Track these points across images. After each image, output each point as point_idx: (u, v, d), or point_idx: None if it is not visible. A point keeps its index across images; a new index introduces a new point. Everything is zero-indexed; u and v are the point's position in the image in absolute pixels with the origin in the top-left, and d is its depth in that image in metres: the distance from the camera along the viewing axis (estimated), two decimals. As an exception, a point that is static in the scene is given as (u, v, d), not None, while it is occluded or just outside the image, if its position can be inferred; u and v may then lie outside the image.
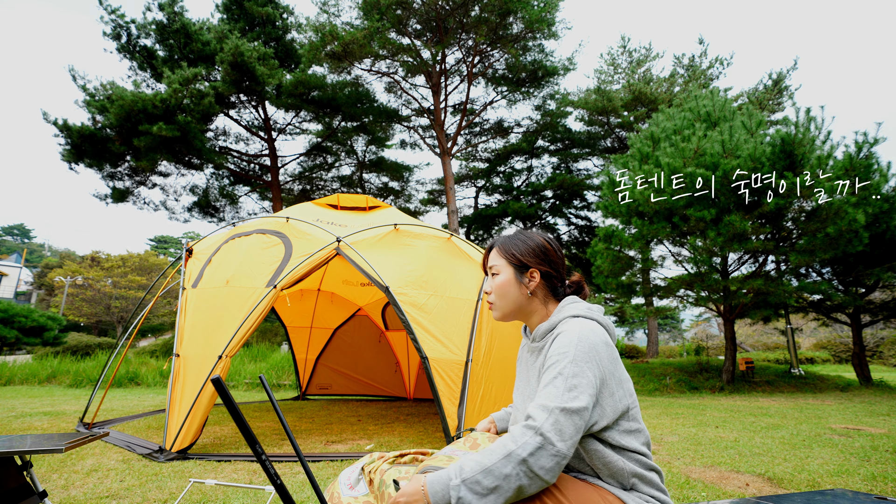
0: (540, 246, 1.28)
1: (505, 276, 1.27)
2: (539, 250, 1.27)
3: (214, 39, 15.81)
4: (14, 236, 62.02)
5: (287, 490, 1.15)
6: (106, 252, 31.84)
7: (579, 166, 21.45)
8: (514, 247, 1.28)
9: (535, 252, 1.27)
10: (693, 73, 18.47)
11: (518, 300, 1.27)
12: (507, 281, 1.27)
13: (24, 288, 38.90)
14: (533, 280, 1.26)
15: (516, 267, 1.27)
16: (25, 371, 9.61)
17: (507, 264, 1.28)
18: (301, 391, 7.52)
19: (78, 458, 3.38)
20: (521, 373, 1.35)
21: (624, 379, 1.13)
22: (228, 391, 1.00)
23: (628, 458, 1.09)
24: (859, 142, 8.20)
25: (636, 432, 1.12)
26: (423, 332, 3.80)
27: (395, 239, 4.67)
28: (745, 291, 9.13)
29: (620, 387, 1.10)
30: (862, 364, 10.37)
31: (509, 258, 1.28)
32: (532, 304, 1.27)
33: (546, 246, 1.29)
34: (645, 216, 9.41)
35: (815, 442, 4.12)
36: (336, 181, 20.42)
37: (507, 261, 1.28)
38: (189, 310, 4.14)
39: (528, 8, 14.66)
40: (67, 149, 15.46)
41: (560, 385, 1.01)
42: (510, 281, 1.27)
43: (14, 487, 1.82)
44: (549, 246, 1.29)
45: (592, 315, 1.19)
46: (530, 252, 1.27)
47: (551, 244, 1.30)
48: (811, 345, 26.07)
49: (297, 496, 2.57)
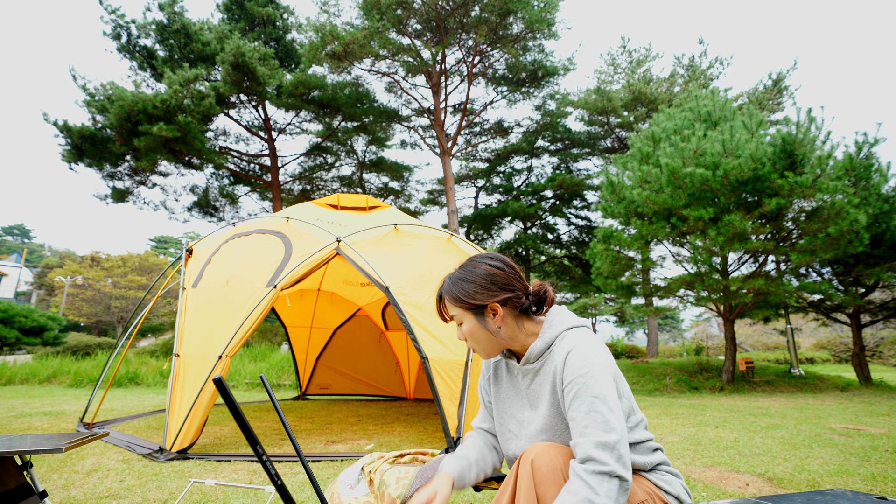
0: (486, 276, 1.19)
1: (469, 324, 1.20)
2: (487, 283, 1.18)
3: (215, 39, 15.82)
4: (14, 236, 62.02)
5: (288, 490, 1.15)
6: (106, 252, 31.87)
7: (579, 166, 21.46)
8: (462, 292, 1.19)
9: (484, 287, 1.18)
10: (693, 73, 18.47)
11: (492, 339, 1.20)
12: (473, 328, 1.20)
13: (24, 288, 38.90)
14: (496, 314, 1.18)
15: (474, 310, 1.19)
16: (25, 371, 9.60)
17: (463, 312, 1.20)
18: (301, 391, 7.52)
19: (78, 458, 3.38)
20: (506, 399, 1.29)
21: (619, 376, 1.14)
22: (230, 391, 1.00)
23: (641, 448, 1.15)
24: (859, 142, 8.21)
25: (641, 422, 1.17)
26: (423, 331, 3.80)
27: (395, 239, 4.67)
28: (745, 291, 9.13)
29: (622, 383, 1.14)
30: (862, 364, 10.38)
31: (463, 306, 1.20)
32: (509, 333, 1.20)
33: (492, 272, 1.19)
34: (644, 216, 9.41)
35: (815, 442, 4.12)
36: (336, 181, 20.42)
37: (462, 308, 1.20)
38: (189, 310, 4.14)
39: (528, 8, 14.66)
40: (67, 149, 15.46)
41: (603, 411, 1.00)
42: (476, 326, 1.19)
43: (14, 487, 1.82)
44: (494, 269, 1.20)
45: (582, 322, 1.20)
46: (479, 290, 1.18)
47: (497, 266, 1.21)
48: (811, 345, 26.08)
49: (297, 496, 2.57)
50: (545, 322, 1.20)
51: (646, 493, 1.10)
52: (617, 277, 10.35)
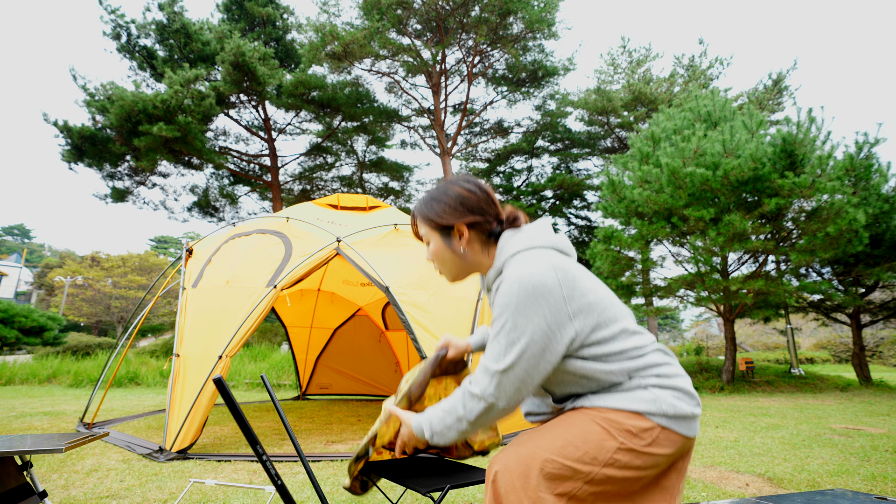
0: (457, 197, 1.18)
1: (435, 243, 1.21)
2: (457, 202, 1.18)
3: (215, 39, 15.82)
4: (14, 236, 62.02)
5: (288, 490, 1.15)
6: (106, 252, 31.88)
7: (579, 166, 21.46)
8: (431, 210, 1.20)
9: (453, 207, 1.17)
10: (693, 73, 18.47)
11: (457, 261, 1.21)
12: (438, 247, 1.21)
13: (24, 288, 38.90)
14: (462, 236, 1.18)
15: (441, 230, 1.19)
16: (25, 371, 9.60)
17: (431, 230, 1.21)
18: (301, 391, 7.52)
19: (78, 458, 3.38)
20: None
21: (588, 290, 1.07)
22: (230, 391, 1.00)
23: (614, 361, 1.07)
24: (860, 142, 8.21)
25: (621, 332, 1.09)
26: (424, 331, 3.80)
27: (396, 239, 4.67)
28: (745, 291, 9.13)
29: (584, 298, 1.06)
30: (862, 364, 10.37)
31: (430, 224, 1.21)
32: (475, 257, 1.21)
33: (463, 193, 1.18)
34: (644, 216, 9.41)
35: (815, 442, 4.12)
36: (336, 181, 20.42)
37: (429, 227, 1.21)
38: (189, 310, 4.13)
39: (528, 8, 14.67)
40: (67, 149, 15.47)
41: (502, 342, 1.01)
42: (441, 247, 1.20)
43: (14, 487, 1.82)
44: (466, 192, 1.19)
45: (534, 243, 1.12)
46: (448, 209, 1.18)
47: (469, 189, 1.19)
48: (811, 345, 26.08)
49: (297, 496, 2.57)
50: (497, 248, 1.18)
51: (601, 425, 1.04)
52: (617, 277, 10.35)
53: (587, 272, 1.14)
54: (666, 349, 1.15)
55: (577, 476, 1.02)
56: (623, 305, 1.15)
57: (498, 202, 1.23)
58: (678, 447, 1.06)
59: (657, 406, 1.04)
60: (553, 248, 1.12)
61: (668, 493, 1.09)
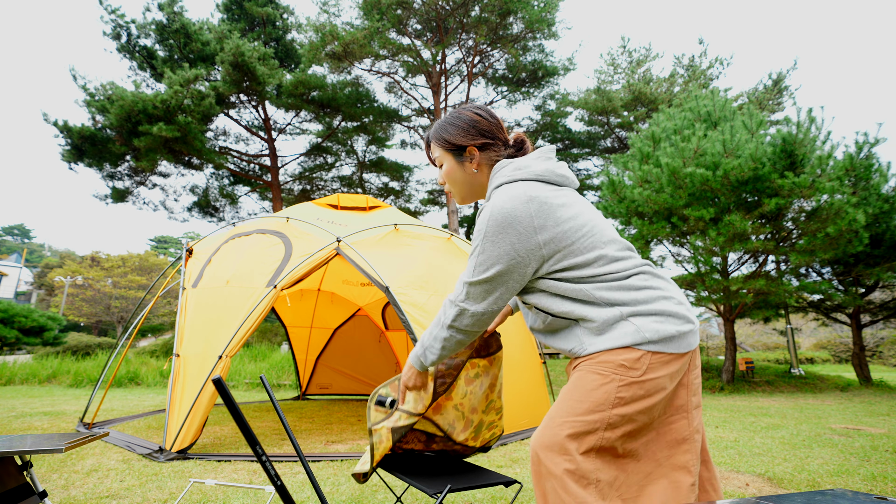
0: (469, 121, 1.29)
1: (448, 164, 1.31)
2: (469, 125, 1.28)
3: (214, 39, 15.81)
4: (14, 236, 62.02)
5: (287, 490, 1.15)
6: (106, 252, 31.88)
7: (579, 166, 21.45)
8: (446, 132, 1.30)
9: (466, 130, 1.28)
10: (693, 73, 18.47)
11: (468, 181, 1.31)
12: (450, 168, 1.31)
13: (24, 288, 38.90)
14: (473, 158, 1.28)
15: (454, 151, 1.29)
16: (25, 371, 9.60)
17: (444, 152, 1.31)
18: (301, 391, 7.52)
19: (78, 458, 3.38)
20: None
21: (566, 219, 1.14)
22: (229, 391, 1.00)
23: (588, 283, 1.13)
24: (860, 142, 8.20)
25: (599, 259, 1.14)
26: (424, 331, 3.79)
27: (395, 239, 4.67)
28: (745, 291, 9.12)
29: (558, 227, 1.13)
30: (862, 364, 10.37)
31: (445, 146, 1.30)
32: (482, 179, 1.31)
33: (475, 118, 1.29)
34: (645, 216, 9.41)
35: (815, 442, 4.12)
36: (336, 181, 20.41)
37: (444, 149, 1.31)
38: (189, 310, 4.13)
39: (528, 8, 14.66)
40: (67, 149, 15.46)
41: (473, 262, 1.16)
42: (453, 167, 1.31)
43: (14, 487, 1.82)
44: (478, 117, 1.29)
45: (519, 175, 1.20)
46: (461, 132, 1.28)
47: (480, 114, 1.30)
48: (811, 345, 26.08)
49: (297, 496, 2.57)
50: (490, 176, 1.27)
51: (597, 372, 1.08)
52: (617, 277, 10.33)
53: (576, 200, 1.21)
54: (652, 269, 1.19)
55: (596, 427, 1.07)
56: (609, 233, 1.19)
57: (506, 128, 1.33)
58: (676, 365, 1.11)
59: (640, 335, 1.09)
60: (537, 180, 1.20)
61: (683, 411, 1.14)
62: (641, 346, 1.08)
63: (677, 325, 1.11)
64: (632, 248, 1.22)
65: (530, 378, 4.66)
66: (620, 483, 1.06)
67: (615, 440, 1.07)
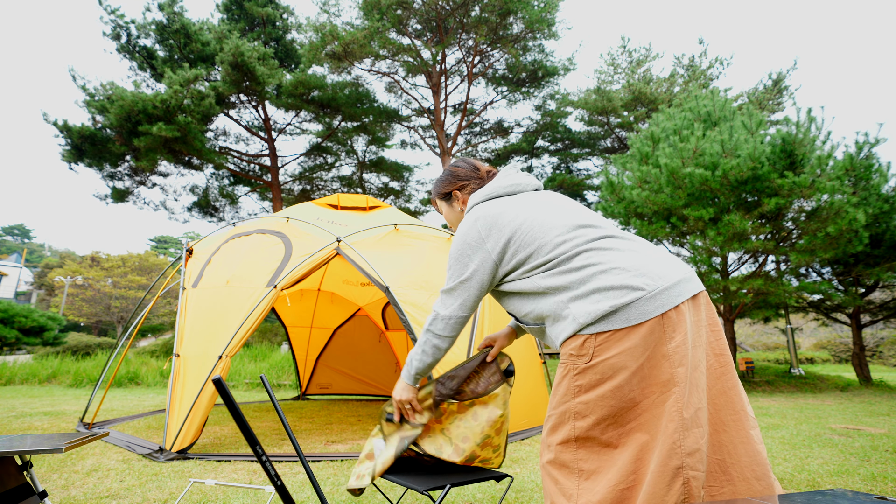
0: (450, 174, 1.58)
1: (443, 208, 1.62)
2: (449, 177, 1.58)
3: (214, 40, 15.81)
4: (14, 236, 62.01)
5: (287, 491, 1.15)
6: (106, 252, 31.88)
7: (579, 166, 21.45)
8: (436, 187, 1.62)
9: (447, 181, 1.57)
10: (693, 73, 18.46)
11: (458, 217, 1.58)
12: (445, 210, 1.61)
13: (24, 288, 38.89)
14: (457, 200, 1.56)
15: (444, 199, 1.60)
16: (25, 371, 9.60)
17: (439, 200, 1.62)
18: (301, 391, 7.52)
19: (78, 458, 3.38)
20: None
21: (508, 223, 1.28)
22: (229, 392, 1.00)
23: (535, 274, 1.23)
24: (860, 142, 8.20)
25: (537, 252, 1.23)
26: (424, 332, 3.79)
27: (395, 239, 4.67)
28: (745, 291, 9.12)
29: (502, 233, 1.28)
30: (862, 364, 10.37)
31: (437, 196, 1.62)
32: None
33: (454, 170, 1.58)
34: (644, 216, 9.41)
35: (815, 442, 4.12)
36: (336, 181, 20.41)
37: (439, 200, 1.62)
38: (189, 310, 4.13)
39: (528, 8, 14.66)
40: (67, 149, 15.46)
41: (448, 278, 1.36)
42: (447, 209, 1.60)
43: (14, 487, 1.82)
44: (454, 168, 1.58)
45: (475, 200, 1.42)
46: (444, 183, 1.58)
47: (459, 165, 1.58)
48: (811, 345, 26.07)
49: (297, 496, 2.57)
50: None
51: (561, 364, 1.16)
52: (617, 277, 10.33)
53: (520, 204, 1.34)
54: (600, 244, 1.18)
55: (565, 418, 1.11)
56: (555, 221, 1.25)
57: (483, 167, 1.57)
58: (634, 339, 1.06)
59: (577, 322, 1.11)
60: (487, 199, 1.39)
61: (668, 385, 1.06)
62: (582, 332, 1.10)
63: (617, 297, 1.07)
64: (587, 225, 1.23)
65: (530, 378, 4.66)
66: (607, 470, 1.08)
67: (589, 429, 1.07)
